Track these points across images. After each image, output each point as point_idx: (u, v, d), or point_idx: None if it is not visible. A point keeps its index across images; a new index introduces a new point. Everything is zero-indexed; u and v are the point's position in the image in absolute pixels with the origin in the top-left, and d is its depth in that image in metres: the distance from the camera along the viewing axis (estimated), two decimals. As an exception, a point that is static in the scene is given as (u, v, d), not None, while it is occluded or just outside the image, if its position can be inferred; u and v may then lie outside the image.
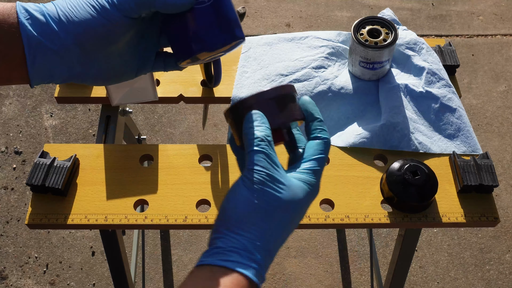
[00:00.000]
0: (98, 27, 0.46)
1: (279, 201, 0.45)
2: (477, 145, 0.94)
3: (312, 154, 0.48)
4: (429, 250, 1.66)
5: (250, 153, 0.45)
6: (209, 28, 0.48)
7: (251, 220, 0.44)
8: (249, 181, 0.45)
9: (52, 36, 0.45)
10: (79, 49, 0.46)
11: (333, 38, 1.08)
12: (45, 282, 1.57)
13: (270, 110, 0.48)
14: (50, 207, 0.84)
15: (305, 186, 0.46)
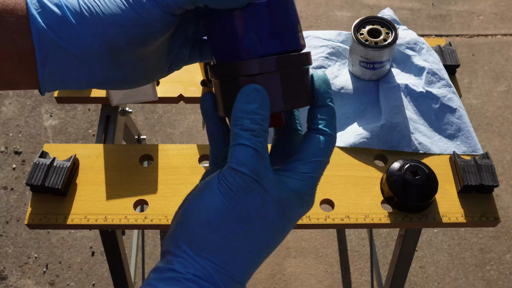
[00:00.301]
0: (132, 27, 0.36)
1: (264, 219, 0.35)
2: (477, 145, 0.94)
3: (312, 154, 0.37)
4: (429, 250, 1.65)
5: (236, 146, 0.35)
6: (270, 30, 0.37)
7: (222, 238, 0.34)
8: (227, 185, 0.34)
9: (70, 35, 0.36)
10: (104, 52, 0.36)
11: (333, 38, 1.08)
12: (44, 282, 1.57)
13: (275, 86, 0.37)
14: (50, 207, 0.84)
15: (298, 200, 0.36)
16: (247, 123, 0.35)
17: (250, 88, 0.36)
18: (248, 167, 0.34)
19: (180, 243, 0.35)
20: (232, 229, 0.34)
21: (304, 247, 1.65)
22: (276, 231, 0.36)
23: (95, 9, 0.36)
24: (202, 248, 0.34)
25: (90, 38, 0.36)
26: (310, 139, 0.38)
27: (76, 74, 0.37)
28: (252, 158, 0.34)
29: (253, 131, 0.35)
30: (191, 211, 0.35)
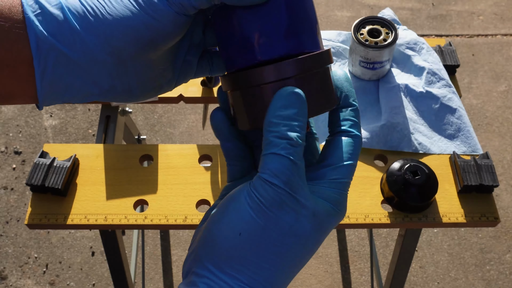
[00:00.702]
0: (142, 29, 0.32)
1: (299, 235, 0.32)
2: (477, 145, 0.94)
3: (341, 159, 0.34)
4: (429, 250, 1.65)
5: (270, 156, 0.31)
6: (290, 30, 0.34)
7: (252, 258, 0.31)
8: (258, 198, 0.31)
9: (73, 40, 0.32)
10: (111, 59, 0.33)
11: (333, 38, 1.08)
12: (44, 282, 1.57)
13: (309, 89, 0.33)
14: (50, 207, 0.84)
15: (332, 211, 0.33)
16: (284, 130, 0.31)
17: (287, 91, 0.32)
18: (283, 179, 0.31)
19: (205, 263, 0.32)
20: (264, 246, 0.31)
21: (304, 247, 1.65)
22: (309, 246, 0.33)
23: (100, 11, 0.32)
24: (230, 267, 0.31)
25: (95, 43, 0.32)
26: (337, 142, 0.35)
27: (79, 84, 0.33)
28: (287, 169, 0.31)
29: (290, 139, 0.31)
30: (216, 227, 0.32)
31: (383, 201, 0.86)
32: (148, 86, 0.36)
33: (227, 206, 0.32)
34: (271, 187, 0.31)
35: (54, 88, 0.33)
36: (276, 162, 0.31)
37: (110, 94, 0.35)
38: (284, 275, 0.32)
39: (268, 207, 0.31)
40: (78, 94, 0.34)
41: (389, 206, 0.85)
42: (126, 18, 0.32)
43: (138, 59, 0.34)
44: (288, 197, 0.31)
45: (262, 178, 0.31)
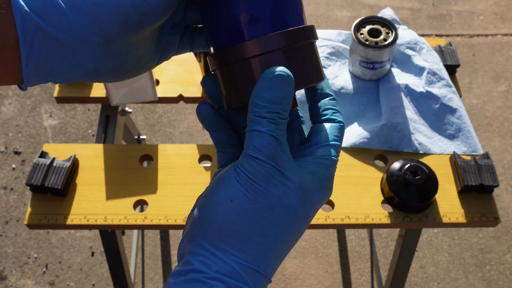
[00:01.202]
0: (131, 10, 0.32)
1: (287, 207, 0.33)
2: (477, 145, 0.94)
3: (327, 138, 0.35)
4: (429, 250, 1.65)
5: (253, 132, 0.32)
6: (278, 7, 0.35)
7: (245, 232, 0.32)
8: (246, 173, 0.32)
9: (60, 20, 0.31)
10: (98, 39, 0.32)
11: (333, 38, 1.08)
12: (44, 283, 1.57)
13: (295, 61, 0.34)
14: (50, 207, 0.84)
15: (319, 185, 0.34)
16: (265, 111, 0.32)
17: (272, 74, 0.32)
18: (266, 153, 0.32)
19: (199, 241, 0.33)
20: (255, 220, 0.32)
21: (304, 247, 1.65)
22: (300, 219, 0.34)
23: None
24: (224, 243, 0.32)
25: (82, 24, 0.32)
26: (322, 126, 0.36)
27: (64, 64, 0.33)
28: (270, 144, 0.32)
29: (271, 118, 0.32)
30: (208, 206, 0.33)
31: (383, 201, 0.86)
32: (131, 66, 0.37)
33: (217, 185, 0.33)
34: (256, 161, 0.32)
35: (39, 69, 0.33)
36: (259, 138, 0.32)
37: (94, 75, 0.35)
38: (276, 250, 0.33)
39: (255, 181, 0.32)
40: (63, 75, 0.34)
41: (389, 206, 0.85)
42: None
43: (124, 40, 0.34)
44: (274, 170, 0.32)
45: (247, 154, 0.32)
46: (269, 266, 0.33)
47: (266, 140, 0.32)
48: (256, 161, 0.32)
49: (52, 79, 0.34)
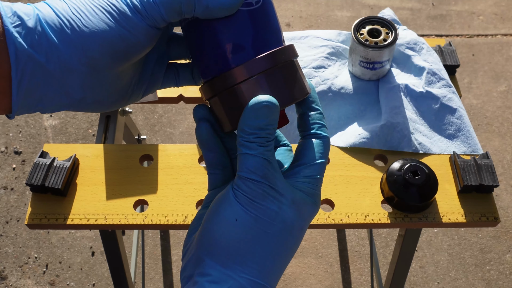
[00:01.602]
0: (117, 41, 0.34)
1: (285, 221, 0.35)
2: (477, 145, 0.94)
3: (314, 158, 0.38)
4: (429, 250, 1.65)
5: (245, 155, 0.35)
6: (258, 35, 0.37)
7: (250, 248, 0.34)
8: (243, 194, 0.35)
9: (51, 51, 0.33)
10: (86, 69, 0.34)
11: (333, 38, 1.08)
12: (44, 282, 1.57)
13: (278, 81, 0.37)
14: (50, 207, 0.84)
15: (308, 200, 0.37)
16: (253, 137, 0.35)
17: (259, 103, 0.35)
18: (259, 173, 0.35)
19: (207, 261, 0.34)
20: (258, 235, 0.34)
21: (304, 247, 1.65)
22: (296, 232, 0.36)
23: (76, 23, 0.34)
24: (232, 261, 0.34)
25: (72, 54, 0.34)
26: (309, 144, 0.39)
27: (52, 93, 0.35)
28: (262, 165, 0.35)
29: (260, 142, 0.35)
30: (213, 227, 0.35)
31: (383, 201, 0.86)
32: (117, 97, 0.38)
33: (218, 207, 0.36)
34: (252, 182, 0.35)
35: (28, 98, 0.34)
36: (251, 160, 0.35)
37: (80, 104, 0.37)
38: (278, 263, 0.36)
39: (253, 199, 0.35)
40: (50, 105, 0.36)
41: (389, 206, 0.85)
42: (102, 30, 0.34)
43: (111, 70, 0.36)
44: (268, 188, 0.35)
45: (242, 176, 0.35)
46: (274, 279, 0.35)
47: (258, 162, 0.35)
48: (252, 181, 0.35)
49: (40, 108, 0.36)
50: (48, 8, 0.34)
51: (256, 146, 0.35)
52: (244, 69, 0.36)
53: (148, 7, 0.34)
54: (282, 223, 0.35)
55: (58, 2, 0.35)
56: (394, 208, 0.84)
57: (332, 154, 0.91)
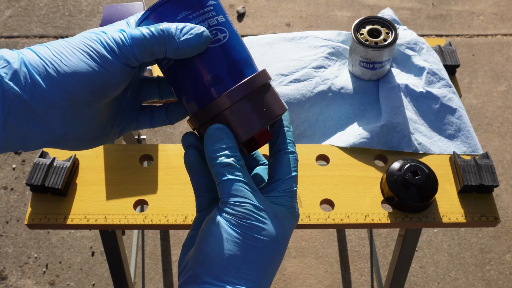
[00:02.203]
0: (96, 78, 0.38)
1: (270, 235, 0.39)
2: (477, 145, 0.94)
3: (287, 173, 0.42)
4: (429, 250, 1.65)
5: (222, 182, 0.39)
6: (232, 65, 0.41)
7: (242, 263, 0.38)
8: (230, 216, 0.38)
9: (35, 90, 0.36)
10: (67, 104, 0.38)
11: (333, 38, 1.08)
12: (44, 282, 1.57)
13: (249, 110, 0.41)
14: (50, 207, 0.84)
15: (288, 213, 0.41)
16: (221, 160, 0.39)
17: (211, 130, 0.40)
18: (240, 195, 0.38)
19: (204, 278, 0.37)
20: (247, 250, 0.38)
21: (304, 247, 1.65)
22: (280, 243, 0.40)
23: (57, 64, 0.37)
24: (227, 275, 0.37)
25: (53, 91, 0.37)
26: (281, 160, 0.43)
27: (36, 130, 0.38)
28: (240, 186, 0.39)
29: (229, 165, 0.39)
30: (206, 246, 0.38)
31: (383, 201, 0.86)
32: (96, 134, 0.42)
33: (209, 228, 0.39)
34: (234, 204, 0.38)
35: (12, 136, 0.37)
36: (229, 185, 0.39)
37: (62, 140, 0.40)
38: (269, 272, 0.39)
39: (239, 219, 0.38)
40: (33, 141, 0.39)
41: (389, 206, 0.85)
42: (81, 68, 0.38)
43: (91, 106, 0.39)
44: (251, 206, 0.38)
45: (225, 201, 0.39)
46: (266, 286, 0.39)
47: (235, 185, 0.39)
48: (234, 204, 0.38)
49: (23, 146, 0.39)
50: (31, 52, 0.38)
51: (229, 170, 0.39)
52: (225, 98, 0.40)
53: (123, 48, 0.39)
54: (268, 237, 0.38)
55: (40, 47, 0.38)
56: (394, 208, 0.84)
57: (332, 154, 0.91)
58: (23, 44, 2.19)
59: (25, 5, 2.34)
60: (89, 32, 0.40)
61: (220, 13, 0.42)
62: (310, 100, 0.98)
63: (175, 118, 0.47)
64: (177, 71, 0.41)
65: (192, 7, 0.41)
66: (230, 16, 2.39)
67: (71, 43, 0.38)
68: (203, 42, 0.40)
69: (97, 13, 2.31)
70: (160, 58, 0.41)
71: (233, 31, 0.42)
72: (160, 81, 0.47)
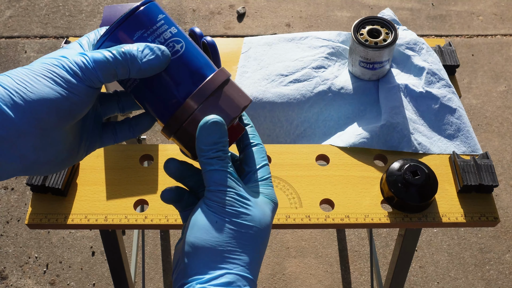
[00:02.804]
0: (63, 102, 0.39)
1: (253, 220, 0.41)
2: (477, 145, 0.94)
3: (259, 163, 0.45)
4: (429, 250, 1.66)
5: (209, 172, 0.41)
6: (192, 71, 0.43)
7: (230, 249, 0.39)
8: (215, 204, 0.40)
9: (2, 119, 0.37)
10: (36, 130, 0.38)
11: (333, 38, 1.08)
12: (45, 282, 1.57)
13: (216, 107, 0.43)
14: (50, 207, 0.84)
15: (266, 200, 0.43)
16: (212, 152, 0.41)
17: (207, 122, 0.41)
18: (225, 184, 0.41)
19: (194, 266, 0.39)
20: (234, 236, 0.40)
21: (304, 247, 1.65)
22: (264, 228, 0.42)
23: (22, 91, 0.37)
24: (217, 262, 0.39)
25: (22, 118, 0.37)
26: (250, 153, 0.46)
27: (7, 158, 0.38)
28: (225, 177, 0.41)
29: (218, 157, 0.41)
30: (193, 237, 0.40)
31: (383, 201, 0.86)
32: (66, 155, 0.43)
33: (195, 220, 0.41)
34: (220, 192, 0.40)
35: None
36: (216, 175, 0.41)
37: (34, 166, 0.40)
38: (256, 256, 0.41)
39: (224, 206, 0.40)
40: (5, 170, 0.39)
41: (389, 206, 0.85)
42: (48, 94, 0.38)
43: (59, 129, 0.40)
44: (235, 195, 0.41)
45: (211, 189, 0.41)
46: (255, 270, 0.41)
47: (222, 175, 0.41)
48: (220, 192, 0.40)
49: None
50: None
51: (216, 161, 0.41)
52: (191, 101, 0.42)
53: (87, 72, 0.39)
54: (252, 222, 0.40)
55: (2, 76, 0.38)
56: (394, 208, 0.85)
57: (332, 154, 0.91)
58: (24, 44, 2.19)
59: (25, 5, 2.34)
60: (48, 57, 0.40)
61: (172, 24, 0.44)
62: (310, 100, 0.98)
63: (138, 130, 0.48)
64: (143, 88, 0.43)
65: (144, 25, 0.42)
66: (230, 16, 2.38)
67: (32, 70, 0.39)
68: (164, 62, 0.41)
69: (98, 13, 2.31)
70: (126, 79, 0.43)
71: (187, 40, 0.44)
72: (119, 96, 0.48)
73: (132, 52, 0.40)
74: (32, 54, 2.15)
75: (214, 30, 2.26)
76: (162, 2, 2.36)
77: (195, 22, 2.30)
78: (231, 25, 2.29)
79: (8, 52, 2.16)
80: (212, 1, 2.38)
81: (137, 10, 0.42)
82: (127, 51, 0.40)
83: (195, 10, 2.35)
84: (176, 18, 2.31)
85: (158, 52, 0.41)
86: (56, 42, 2.21)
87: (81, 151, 0.45)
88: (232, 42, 1.11)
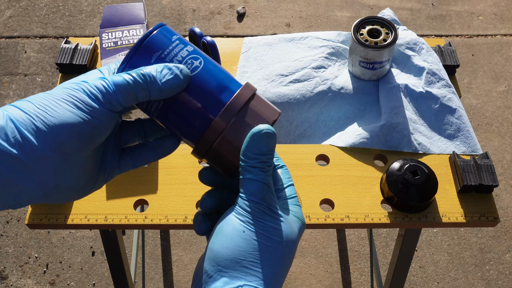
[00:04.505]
0: (84, 126, 0.39)
1: (281, 236, 0.40)
2: (477, 145, 0.94)
3: (285, 183, 0.44)
4: (429, 250, 1.66)
5: (247, 180, 0.40)
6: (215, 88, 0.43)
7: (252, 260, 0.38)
8: (245, 213, 0.40)
9: (24, 145, 0.37)
10: (57, 155, 0.38)
11: (333, 38, 1.08)
12: (45, 282, 1.57)
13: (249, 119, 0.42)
14: (50, 207, 0.84)
15: (296, 219, 0.43)
16: (255, 162, 0.40)
17: (260, 132, 0.40)
18: (259, 196, 0.40)
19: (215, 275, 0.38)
20: (258, 248, 0.39)
21: (304, 247, 1.65)
22: (290, 245, 0.41)
23: (43, 115, 0.38)
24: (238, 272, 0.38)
25: (43, 143, 0.37)
26: (276, 173, 0.45)
27: (28, 184, 0.38)
28: (262, 189, 0.40)
29: (261, 167, 0.40)
30: (217, 244, 0.39)
31: (383, 201, 0.86)
32: (86, 181, 0.42)
33: (222, 227, 0.40)
34: (253, 203, 0.40)
35: (5, 192, 0.37)
36: (253, 184, 0.40)
37: (54, 192, 0.40)
38: (278, 272, 0.39)
39: (254, 217, 0.39)
40: (26, 196, 0.38)
41: (389, 206, 0.85)
42: (68, 118, 0.38)
43: (80, 153, 0.40)
44: (267, 208, 0.40)
45: (244, 197, 0.40)
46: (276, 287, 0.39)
47: (259, 186, 0.40)
48: (252, 202, 0.40)
49: (17, 202, 0.39)
50: (14, 108, 0.38)
51: (258, 171, 0.40)
52: (220, 121, 0.41)
53: (107, 95, 0.39)
54: (279, 237, 0.39)
55: (23, 102, 0.38)
56: (394, 208, 0.85)
57: (332, 154, 0.91)
58: (24, 44, 2.19)
59: (25, 5, 2.34)
60: (69, 82, 0.40)
61: (186, 43, 0.44)
62: (310, 100, 0.98)
63: (162, 153, 0.47)
64: (168, 112, 0.43)
65: (160, 47, 0.42)
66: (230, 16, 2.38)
67: (53, 95, 0.39)
68: (184, 80, 0.41)
69: (98, 14, 2.31)
70: (147, 103, 0.43)
71: (204, 55, 0.44)
72: (143, 123, 0.48)
73: (151, 73, 0.40)
74: (32, 54, 2.15)
75: (214, 30, 2.26)
76: (162, 2, 2.36)
77: (195, 22, 2.30)
78: (231, 25, 2.29)
79: (8, 52, 2.16)
80: (212, 1, 2.38)
81: (151, 35, 0.43)
82: (146, 73, 0.40)
83: (195, 10, 2.35)
84: (176, 18, 2.31)
85: (177, 71, 0.41)
86: (56, 42, 2.21)
87: (100, 179, 0.45)
88: (232, 42, 1.11)
